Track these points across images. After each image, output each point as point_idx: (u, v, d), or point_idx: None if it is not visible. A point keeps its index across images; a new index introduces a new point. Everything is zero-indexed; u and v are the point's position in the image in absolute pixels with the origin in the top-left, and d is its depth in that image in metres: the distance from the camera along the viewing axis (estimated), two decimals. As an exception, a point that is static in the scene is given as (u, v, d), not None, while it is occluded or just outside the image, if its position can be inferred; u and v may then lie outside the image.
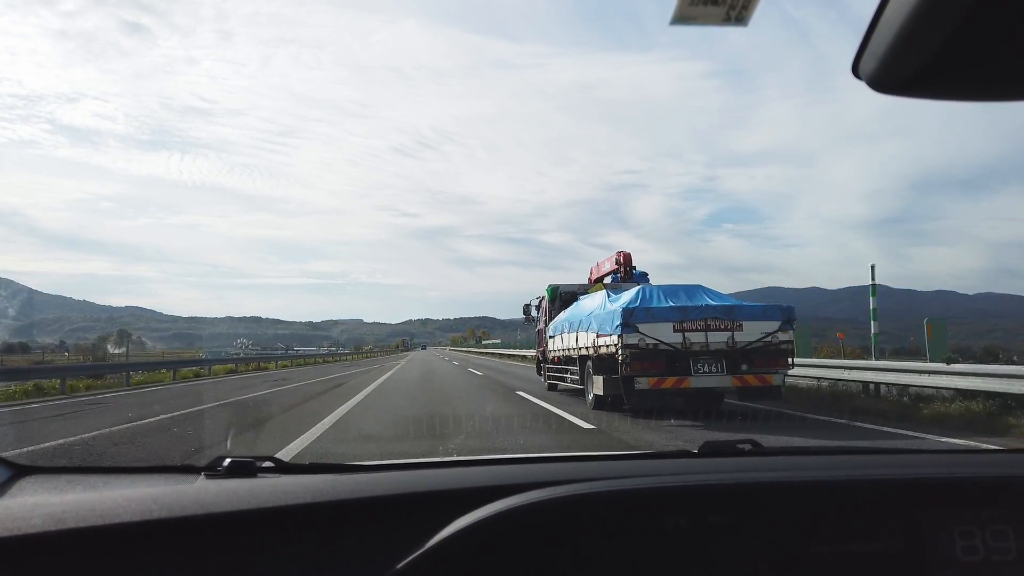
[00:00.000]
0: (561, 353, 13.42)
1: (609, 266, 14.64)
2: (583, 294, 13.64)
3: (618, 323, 9.41)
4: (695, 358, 9.30)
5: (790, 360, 9.64)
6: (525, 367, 29.02)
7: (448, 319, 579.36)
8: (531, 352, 24.73)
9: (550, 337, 14.60)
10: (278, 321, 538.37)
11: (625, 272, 14.12)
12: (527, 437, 7.89)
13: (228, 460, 1.39)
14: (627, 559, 1.22)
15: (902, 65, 0.65)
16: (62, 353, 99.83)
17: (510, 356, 49.31)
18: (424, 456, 2.71)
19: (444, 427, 8.57)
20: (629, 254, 14.21)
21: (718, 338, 9.33)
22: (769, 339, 9.46)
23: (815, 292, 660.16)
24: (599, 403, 10.38)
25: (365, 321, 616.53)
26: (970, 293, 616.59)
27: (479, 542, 1.18)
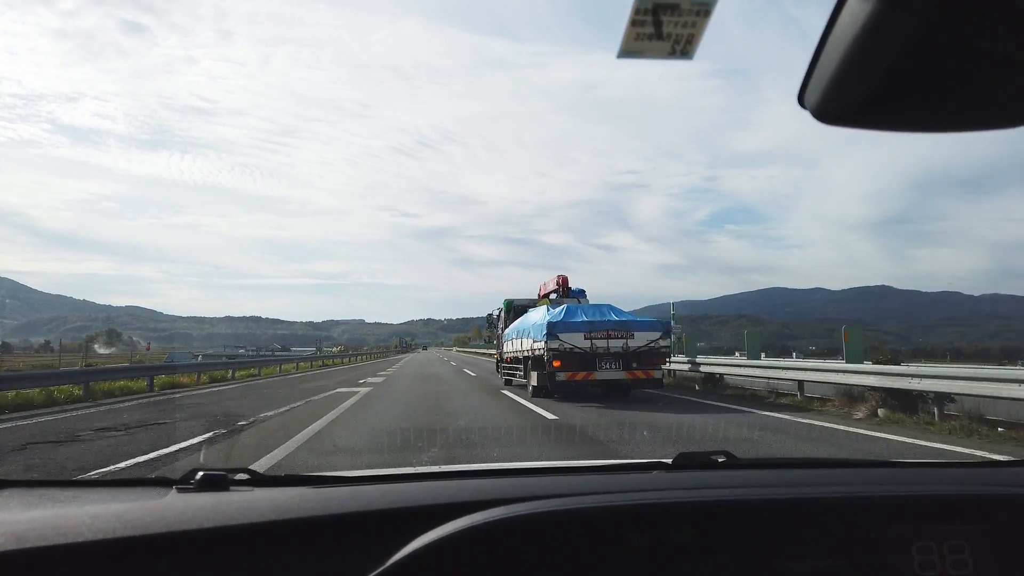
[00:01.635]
0: (512, 355, 16.36)
1: (552, 285, 17.02)
2: (532, 307, 16.52)
3: (544, 332, 12.53)
4: (599, 358, 12.49)
5: (667, 360, 13.81)
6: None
7: (451, 319, 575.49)
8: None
9: (505, 341, 17.40)
10: (278, 321, 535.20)
11: (563, 291, 16.51)
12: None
13: (201, 473, 1.36)
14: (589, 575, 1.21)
15: (845, 96, 0.65)
16: (47, 353, 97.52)
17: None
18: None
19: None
20: (566, 277, 16.76)
21: (616, 344, 12.52)
22: (653, 344, 12.72)
23: (819, 293, 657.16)
24: (536, 392, 13.46)
25: (367, 321, 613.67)
26: (976, 294, 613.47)
27: (440, 560, 1.17)
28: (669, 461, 1.63)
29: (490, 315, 21.05)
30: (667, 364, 14.20)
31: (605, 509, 1.27)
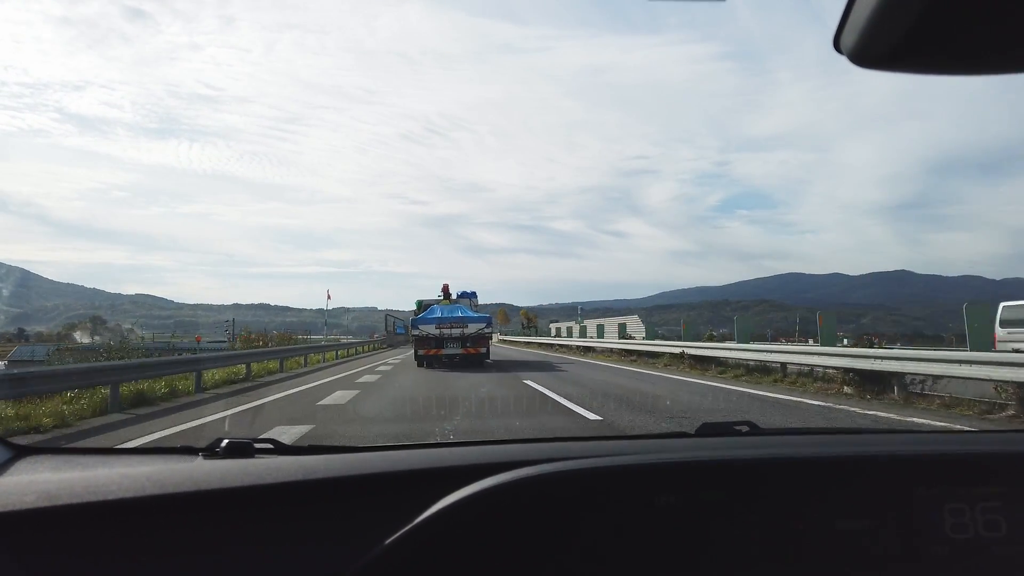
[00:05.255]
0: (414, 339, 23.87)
1: (442, 291, 24.31)
2: (434, 305, 23.10)
3: (411, 324, 22.05)
4: (446, 341, 20.12)
5: (490, 341, 21.92)
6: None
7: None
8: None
9: (413, 329, 24.46)
10: (287, 308, 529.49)
11: (445, 295, 23.78)
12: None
13: (226, 441, 1.40)
14: (616, 536, 1.21)
15: (882, 38, 0.63)
16: (20, 341, 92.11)
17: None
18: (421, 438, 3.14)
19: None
20: (447, 284, 24.06)
21: (456, 331, 20.18)
22: (481, 331, 20.53)
23: (837, 278, 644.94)
24: (418, 364, 20.47)
25: (379, 309, 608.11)
26: (997, 278, 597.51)
27: (468, 518, 1.19)
28: (692, 432, 1.63)
29: (415, 310, 25.94)
30: (490, 344, 21.71)
31: (634, 467, 1.29)
